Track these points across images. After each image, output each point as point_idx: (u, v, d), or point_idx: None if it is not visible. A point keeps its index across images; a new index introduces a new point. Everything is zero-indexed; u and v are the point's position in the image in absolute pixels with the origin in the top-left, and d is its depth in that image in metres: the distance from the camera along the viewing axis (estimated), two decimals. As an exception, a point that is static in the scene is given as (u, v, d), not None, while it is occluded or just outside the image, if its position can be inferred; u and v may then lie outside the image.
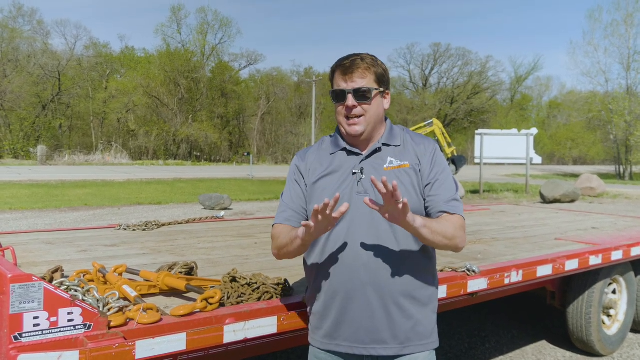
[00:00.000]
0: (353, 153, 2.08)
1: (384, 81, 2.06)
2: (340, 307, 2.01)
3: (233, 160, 56.84)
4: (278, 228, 2.11)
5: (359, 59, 2.02)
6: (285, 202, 2.15)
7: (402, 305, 1.99)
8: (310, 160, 2.15)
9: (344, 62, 2.03)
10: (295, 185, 2.15)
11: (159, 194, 19.18)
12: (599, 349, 4.56)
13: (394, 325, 1.99)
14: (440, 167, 2.07)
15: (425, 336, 2.04)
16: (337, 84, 2.04)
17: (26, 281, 1.84)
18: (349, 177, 2.04)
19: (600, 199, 20.29)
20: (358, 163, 2.06)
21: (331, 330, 2.04)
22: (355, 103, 2.00)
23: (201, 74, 59.23)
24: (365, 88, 1.99)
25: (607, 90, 43.16)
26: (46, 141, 49.22)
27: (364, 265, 1.97)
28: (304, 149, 2.25)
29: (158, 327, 2.03)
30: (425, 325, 2.05)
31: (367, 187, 2.01)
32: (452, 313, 5.54)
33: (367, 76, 2.01)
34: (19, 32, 53.61)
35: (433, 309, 2.11)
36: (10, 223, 11.54)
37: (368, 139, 2.07)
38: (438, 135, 23.77)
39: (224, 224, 5.25)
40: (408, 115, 66.92)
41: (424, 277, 2.06)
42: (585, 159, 72.72)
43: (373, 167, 2.04)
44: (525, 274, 3.54)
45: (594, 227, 5.48)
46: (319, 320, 2.09)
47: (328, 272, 2.03)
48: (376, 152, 2.07)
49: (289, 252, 2.04)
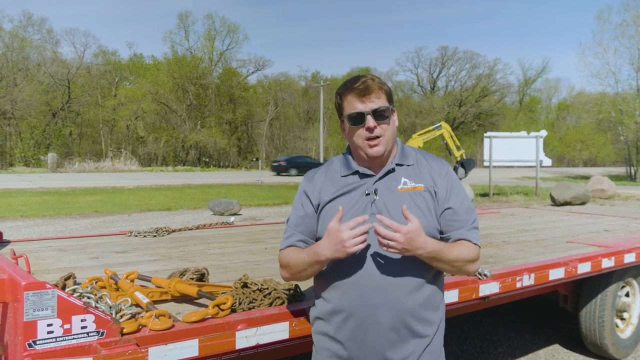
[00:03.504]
0: (366, 175, 2.05)
1: (391, 99, 2.06)
2: (351, 330, 1.99)
3: (242, 166, 56.97)
4: (287, 253, 2.09)
5: (369, 79, 2.00)
6: (290, 226, 2.13)
7: (413, 327, 1.97)
8: (319, 181, 2.12)
9: (355, 86, 1.99)
10: (301, 209, 2.12)
11: (168, 200, 19.25)
12: (613, 352, 4.51)
13: (405, 346, 1.97)
14: (457, 189, 2.07)
15: (434, 357, 2.04)
16: (352, 107, 2.00)
17: (40, 289, 1.85)
18: (362, 198, 2.01)
19: (612, 200, 20.15)
20: (372, 184, 2.03)
21: (339, 352, 2.03)
22: (375, 124, 1.97)
23: (209, 80, 59.50)
24: (383, 107, 1.98)
25: (617, 91, 42.87)
26: (56, 149, 49.62)
27: (376, 286, 1.95)
28: (312, 170, 2.21)
29: (170, 333, 2.03)
30: (435, 345, 2.04)
31: (380, 209, 1.98)
32: (463, 317, 5.52)
33: (381, 96, 2.00)
34: (28, 41, 54.15)
35: (441, 329, 2.10)
36: (22, 230, 11.63)
37: (383, 159, 2.05)
38: (446, 138, 23.67)
39: (234, 229, 5.26)
40: (416, 118, 66.84)
41: (434, 299, 2.05)
42: (596, 160, 72.22)
43: (387, 188, 2.01)
44: (537, 277, 3.52)
45: (606, 230, 5.44)
46: (328, 340, 2.06)
47: (339, 293, 2.00)
48: (390, 172, 2.05)
49: (307, 276, 2.07)
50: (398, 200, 1.98)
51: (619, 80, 44.02)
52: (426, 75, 76.18)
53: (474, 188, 22.54)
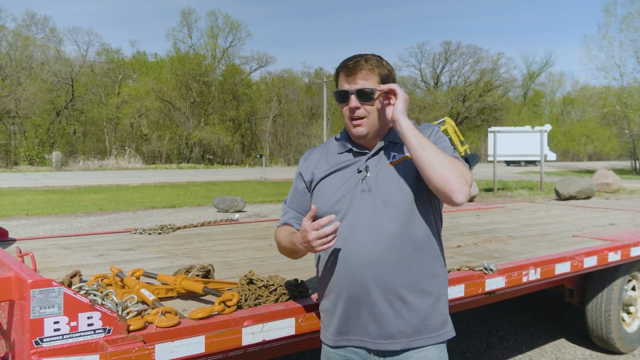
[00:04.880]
0: (359, 152, 2.09)
1: (389, 82, 2.03)
2: (346, 305, 2.02)
3: (245, 163, 56.97)
4: (279, 233, 2.21)
5: (363, 60, 2.01)
6: (286, 205, 2.25)
7: (407, 299, 1.98)
8: (314, 159, 2.18)
9: (347, 64, 2.03)
10: (295, 187, 2.22)
11: (173, 197, 19.29)
12: (619, 346, 4.50)
13: (400, 319, 1.98)
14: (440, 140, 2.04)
15: (435, 328, 2.03)
16: (340, 85, 2.04)
17: (46, 286, 1.85)
18: (353, 175, 2.05)
19: (617, 194, 20.08)
20: (364, 161, 2.06)
21: (340, 327, 2.06)
22: (358, 104, 1.99)
23: (212, 77, 59.48)
24: (368, 89, 1.98)
25: (622, 84, 42.68)
26: (61, 147, 49.77)
27: (366, 263, 1.96)
28: (310, 149, 2.27)
29: (177, 330, 2.04)
30: (436, 317, 2.04)
31: (371, 185, 2.01)
32: (469, 312, 5.51)
33: (370, 77, 2.00)
34: (32, 40, 54.24)
35: (444, 299, 2.09)
36: (27, 229, 11.67)
37: (375, 138, 2.08)
38: (450, 133, 23.63)
39: (239, 226, 5.26)
40: (420, 114, 66.66)
41: (431, 269, 2.04)
42: (600, 154, 71.87)
43: (378, 165, 2.05)
44: (543, 271, 3.51)
45: (612, 224, 5.42)
46: (329, 317, 2.11)
47: (332, 271, 2.04)
48: (381, 150, 2.08)
49: (297, 257, 2.17)
50: (388, 175, 2.02)
51: (624, 73, 43.85)
52: (429, 70, 76.05)
53: (478, 183, 22.49)
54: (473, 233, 4.78)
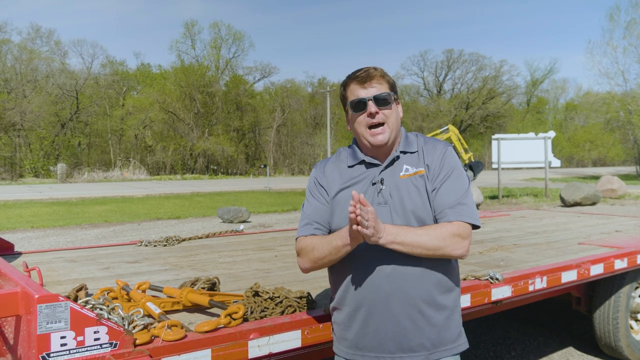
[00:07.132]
0: (372, 164, 2.09)
1: (395, 90, 2.10)
2: (364, 318, 2.01)
3: (250, 173, 57.08)
4: (309, 240, 2.08)
5: (372, 68, 2.07)
6: (307, 215, 2.14)
7: (426, 312, 1.99)
8: (329, 172, 2.16)
9: (357, 74, 2.06)
10: (317, 197, 2.14)
11: (177, 208, 19.31)
12: (628, 354, 4.47)
13: (420, 333, 1.98)
14: (448, 168, 2.04)
15: (451, 340, 2.04)
16: (354, 94, 2.05)
17: (53, 301, 1.85)
18: (369, 189, 2.05)
19: (622, 200, 20.00)
20: (378, 174, 2.06)
21: (356, 341, 2.05)
22: (377, 109, 2.02)
23: (216, 88, 59.72)
24: (385, 93, 2.03)
25: (626, 90, 42.62)
26: (66, 159, 49.96)
27: (387, 275, 1.97)
28: (322, 160, 2.25)
29: (183, 343, 2.03)
30: (452, 330, 2.05)
31: (387, 198, 2.01)
32: (476, 321, 5.48)
33: (383, 83, 2.05)
34: (37, 53, 54.66)
35: (458, 312, 2.10)
36: (33, 241, 11.69)
37: (388, 148, 2.08)
38: (454, 141, 23.67)
39: (244, 237, 5.26)
40: (423, 122, 66.73)
41: (446, 283, 2.05)
42: (605, 160, 71.81)
43: (392, 177, 2.05)
44: (549, 280, 3.49)
45: (618, 230, 5.40)
46: (344, 330, 2.09)
47: (351, 282, 2.03)
48: (394, 161, 2.08)
49: (330, 261, 2.04)
50: (401, 187, 2.02)
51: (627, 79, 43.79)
52: (432, 78, 76.24)
53: (482, 190, 22.45)
54: (479, 242, 4.77)
